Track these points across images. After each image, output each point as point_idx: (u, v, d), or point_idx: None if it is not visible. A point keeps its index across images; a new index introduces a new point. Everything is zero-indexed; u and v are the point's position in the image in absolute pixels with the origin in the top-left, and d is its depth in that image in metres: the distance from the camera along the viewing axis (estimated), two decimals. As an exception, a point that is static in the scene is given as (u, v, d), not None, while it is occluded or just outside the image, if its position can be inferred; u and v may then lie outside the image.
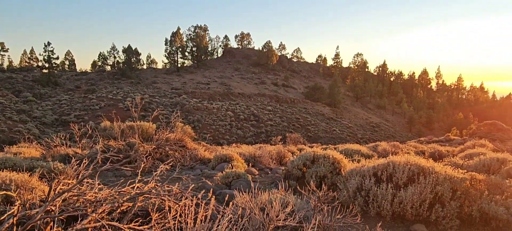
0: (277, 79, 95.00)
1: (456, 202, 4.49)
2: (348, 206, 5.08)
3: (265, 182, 6.76)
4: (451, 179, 4.67)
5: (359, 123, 72.27)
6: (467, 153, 9.56)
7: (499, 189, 4.81)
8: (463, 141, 24.62)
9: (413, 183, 4.77)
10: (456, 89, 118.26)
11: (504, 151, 10.77)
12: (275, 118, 58.42)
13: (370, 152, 10.80)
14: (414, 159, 5.15)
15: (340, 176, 5.92)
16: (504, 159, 7.83)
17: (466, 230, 4.45)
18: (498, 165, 7.58)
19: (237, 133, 49.43)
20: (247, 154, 8.85)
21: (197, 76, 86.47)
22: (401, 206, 4.60)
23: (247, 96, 68.62)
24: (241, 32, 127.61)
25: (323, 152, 6.64)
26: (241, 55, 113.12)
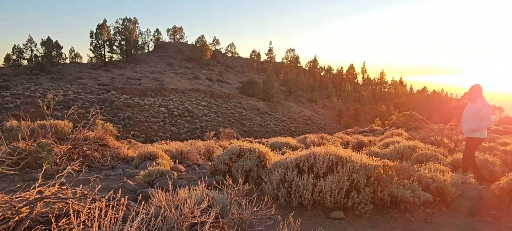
0: (211, 74, 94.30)
1: (370, 188, 4.75)
2: (274, 198, 5.14)
3: (191, 179, 6.58)
4: (366, 167, 4.92)
5: (293, 116, 74.66)
6: (385, 142, 10.27)
7: (407, 174, 5.19)
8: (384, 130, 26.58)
9: (332, 172, 4.95)
10: (379, 83, 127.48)
11: (416, 139, 11.77)
12: (210, 113, 58.00)
13: (298, 144, 11.13)
14: (334, 149, 5.35)
15: (265, 169, 5.96)
16: (415, 146, 8.54)
17: (379, 213, 4.74)
18: (410, 151, 8.24)
19: (171, 129, 48.19)
20: (174, 150, 8.59)
21: (127, 71, 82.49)
22: (321, 195, 4.75)
23: (181, 92, 67.14)
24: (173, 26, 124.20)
25: (249, 146, 6.65)
26: (174, 49, 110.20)
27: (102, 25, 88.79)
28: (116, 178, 6.48)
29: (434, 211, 4.77)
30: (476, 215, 4.78)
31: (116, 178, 6.51)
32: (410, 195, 4.63)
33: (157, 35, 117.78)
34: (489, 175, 6.51)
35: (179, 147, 9.30)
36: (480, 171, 6.43)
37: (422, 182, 5.06)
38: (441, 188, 4.93)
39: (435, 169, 5.52)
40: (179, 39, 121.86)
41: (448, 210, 4.86)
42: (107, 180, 6.41)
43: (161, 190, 3.73)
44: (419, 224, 4.44)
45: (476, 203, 5.01)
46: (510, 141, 13.08)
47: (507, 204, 4.92)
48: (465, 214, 4.79)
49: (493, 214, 4.85)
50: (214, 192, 4.07)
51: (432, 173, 5.23)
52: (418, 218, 4.58)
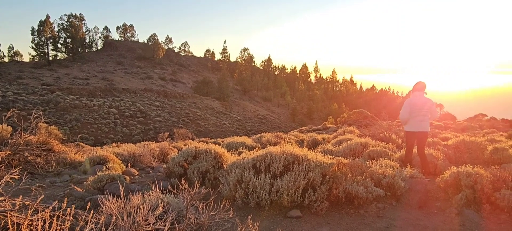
0: (164, 73, 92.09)
1: (325, 186, 4.83)
2: (231, 199, 5.07)
3: (145, 183, 6.34)
4: (321, 165, 5.01)
5: (248, 116, 74.94)
6: (338, 140, 10.57)
7: (360, 170, 5.35)
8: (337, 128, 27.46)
9: (289, 171, 4.98)
10: (331, 82, 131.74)
11: (367, 136, 12.23)
12: (163, 114, 56.59)
13: (254, 144, 11.15)
14: (290, 148, 5.39)
15: (222, 170, 5.88)
16: (366, 143, 8.87)
17: (334, 210, 4.84)
18: (361, 148, 8.53)
19: (123, 131, 46.39)
20: (126, 153, 8.23)
21: (73, 70, 78.23)
22: (278, 195, 4.76)
23: (132, 92, 64.85)
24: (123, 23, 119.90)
25: (206, 147, 6.53)
26: (124, 48, 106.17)
27: (44, 21, 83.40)
28: (62, 185, 6.07)
29: (385, 206, 4.95)
30: (423, 207, 5.03)
31: (62, 185, 6.10)
32: (363, 191, 4.78)
33: (106, 33, 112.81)
34: (433, 168, 6.91)
35: (132, 149, 8.94)
36: (427, 165, 6.81)
37: (374, 178, 5.25)
38: (391, 183, 5.14)
39: (386, 164, 5.76)
40: (130, 38, 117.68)
41: (398, 203, 5.08)
42: (52, 187, 5.99)
43: (112, 197, 3.53)
44: (372, 219, 4.59)
45: (423, 196, 5.27)
46: (451, 136, 14.02)
47: (451, 196, 5.23)
48: (413, 206, 5.03)
49: (438, 205, 5.14)
50: (170, 196, 3.93)
51: (383, 169, 5.44)
52: (371, 213, 4.74)
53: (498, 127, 26.82)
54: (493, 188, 4.92)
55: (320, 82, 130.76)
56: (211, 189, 5.59)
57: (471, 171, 5.23)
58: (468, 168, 5.37)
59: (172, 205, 3.61)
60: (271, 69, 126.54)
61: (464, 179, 5.11)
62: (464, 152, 8.96)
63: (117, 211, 2.96)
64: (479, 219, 4.59)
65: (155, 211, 2.92)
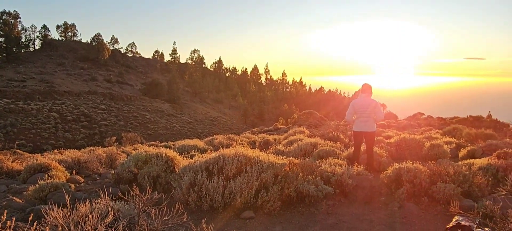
0: (110, 75, 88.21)
1: (277, 186, 4.94)
2: (184, 203, 5.00)
3: (92, 191, 6.05)
4: (273, 166, 5.11)
5: (199, 118, 74.11)
6: (289, 140, 10.82)
7: (310, 169, 5.54)
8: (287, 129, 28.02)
9: (241, 173, 5.03)
10: (282, 84, 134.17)
11: (316, 135, 12.64)
12: (110, 117, 54.22)
13: (206, 146, 11.07)
14: (242, 150, 5.43)
15: (174, 174, 5.78)
16: (316, 143, 9.16)
17: (286, 209, 4.95)
18: (311, 148, 8.81)
19: (65, 136, 43.79)
20: (70, 160, 7.79)
21: (7, 72, 72.38)
22: (231, 196, 4.78)
23: (75, 95, 61.38)
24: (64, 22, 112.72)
25: (156, 151, 6.38)
26: (65, 48, 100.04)
27: (-27, 18, 76.39)
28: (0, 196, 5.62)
29: (335, 203, 5.17)
30: (369, 203, 5.31)
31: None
32: (314, 189, 4.95)
33: (45, 32, 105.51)
34: (378, 165, 7.32)
35: (76, 155, 8.48)
36: (373, 162, 7.20)
37: (324, 176, 5.45)
38: (340, 180, 5.37)
39: (334, 163, 6.00)
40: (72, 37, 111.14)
41: (347, 200, 5.32)
42: (-14, 199, 5.51)
43: (56, 206, 3.34)
44: (322, 216, 4.77)
45: (369, 192, 5.57)
46: (393, 134, 14.91)
47: (393, 191, 5.57)
48: (360, 202, 5.30)
49: (383, 200, 5.45)
50: (120, 203, 3.79)
51: (332, 168, 5.67)
52: (321, 210, 4.92)
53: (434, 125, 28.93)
54: (430, 182, 5.32)
55: (270, 84, 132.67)
56: (164, 193, 5.47)
57: (411, 166, 5.61)
58: (408, 164, 5.76)
59: (123, 212, 3.49)
60: (222, 71, 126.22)
61: (405, 174, 5.47)
62: (405, 149, 9.57)
63: (63, 221, 2.81)
64: (419, 211, 4.94)
65: (105, 219, 2.82)
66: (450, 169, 5.48)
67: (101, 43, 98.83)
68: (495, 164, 6.13)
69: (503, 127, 27.13)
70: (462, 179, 5.28)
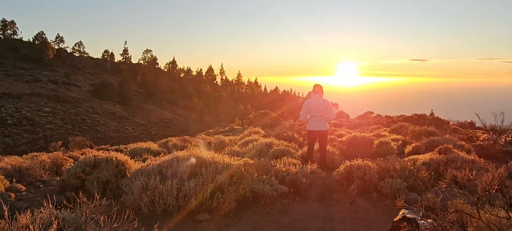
0: (55, 76, 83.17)
1: (233, 187, 4.91)
2: (136, 209, 4.81)
3: (35, 199, 5.66)
4: (228, 167, 5.08)
5: (153, 120, 72.16)
6: (244, 141, 10.83)
7: (265, 169, 5.57)
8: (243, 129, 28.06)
9: (196, 175, 4.94)
10: (237, 84, 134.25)
11: (272, 136, 12.77)
12: (55, 121, 51.17)
13: (160, 149, 10.78)
14: (196, 152, 5.35)
15: (125, 179, 5.56)
16: (271, 143, 9.25)
17: (242, 210, 4.94)
18: (266, 148, 8.87)
19: (5, 141, 40.69)
20: (10, 167, 7.23)
21: None
22: (186, 199, 4.69)
23: (16, 97, 57.17)
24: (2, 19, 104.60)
25: (106, 155, 6.10)
26: (4, 47, 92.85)
27: None
28: None
29: (289, 201, 5.24)
30: (323, 200, 5.45)
31: None
32: (269, 189, 4.98)
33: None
34: (331, 163, 7.53)
35: (17, 162, 7.89)
36: (326, 160, 7.39)
37: (279, 176, 5.51)
38: (294, 179, 5.45)
39: (289, 162, 6.09)
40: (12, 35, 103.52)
41: (301, 198, 5.41)
42: None
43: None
44: (277, 215, 4.81)
45: (322, 189, 5.71)
46: (344, 132, 15.43)
47: (345, 187, 5.76)
48: (314, 200, 5.42)
49: (335, 197, 5.61)
50: (65, 211, 3.57)
51: (286, 167, 5.74)
52: (276, 209, 4.96)
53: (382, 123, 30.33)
54: (379, 178, 5.56)
55: (226, 85, 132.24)
56: (114, 199, 5.24)
57: (361, 163, 5.84)
58: (358, 161, 5.98)
59: (69, 221, 3.29)
60: (177, 71, 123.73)
61: (356, 171, 5.68)
62: (356, 147, 9.93)
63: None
64: (369, 206, 5.15)
65: (49, 230, 2.63)
66: (397, 165, 5.77)
67: (44, 42, 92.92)
68: (437, 159, 6.55)
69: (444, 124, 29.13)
70: (407, 174, 5.58)
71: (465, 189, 4.70)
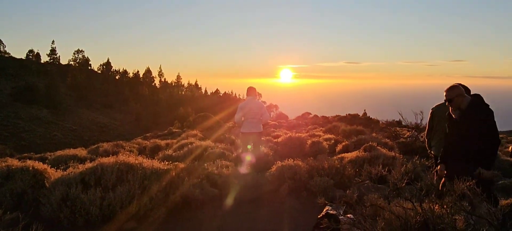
0: (-29, 78, 74.96)
1: (162, 192, 4.76)
2: (55, 221, 4.46)
3: None
4: (158, 172, 4.92)
5: (85, 124, 68.03)
6: (180, 144, 10.61)
7: (197, 173, 5.49)
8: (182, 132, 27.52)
9: (122, 182, 4.71)
10: (177, 87, 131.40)
11: (209, 138, 12.68)
12: (-29, 128, 46.08)
13: (89, 155, 10.16)
14: (123, 157, 5.11)
15: (44, 189, 5.13)
16: (207, 146, 9.16)
17: (172, 216, 4.79)
18: (202, 151, 8.77)
19: None
20: None
21: None
22: (110, 208, 4.44)
23: None
24: None
25: (22, 164, 5.59)
26: None
27: None
28: None
29: (221, 204, 5.21)
30: (255, 201, 5.49)
31: None
32: (200, 193, 4.91)
33: None
34: (265, 164, 7.64)
35: None
36: (260, 161, 7.48)
37: (211, 179, 5.46)
38: (226, 182, 5.44)
39: (222, 165, 6.06)
40: None
41: (233, 201, 5.40)
42: None
43: None
44: (208, 220, 4.76)
45: (254, 190, 5.76)
46: (281, 133, 15.81)
47: (277, 187, 5.88)
48: (246, 201, 5.44)
49: (268, 198, 5.70)
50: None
51: (219, 170, 5.71)
52: (208, 214, 4.90)
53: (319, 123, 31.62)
54: (308, 177, 5.75)
55: (165, 87, 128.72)
56: (31, 212, 4.82)
57: (292, 163, 6.00)
58: (290, 161, 6.14)
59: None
60: (111, 73, 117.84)
61: (287, 171, 5.82)
62: (290, 147, 10.21)
63: None
64: (299, 205, 5.30)
65: None
66: (325, 164, 6.01)
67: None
68: (362, 156, 6.95)
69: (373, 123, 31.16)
70: (334, 172, 5.84)
71: (386, 184, 5.04)
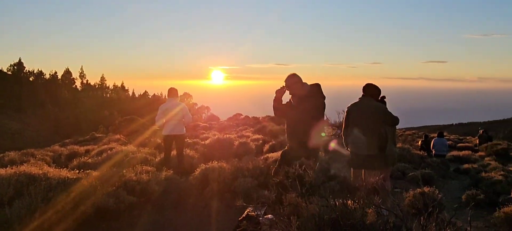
0: None
1: (70, 204, 4.32)
2: None
3: None
4: (65, 182, 4.47)
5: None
6: (100, 150, 9.91)
7: (113, 180, 5.10)
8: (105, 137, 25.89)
9: (22, 195, 4.19)
10: (101, 89, 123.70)
11: (132, 143, 12.02)
12: None
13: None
14: (25, 168, 4.56)
15: None
16: (128, 151, 8.66)
17: (83, 229, 4.39)
18: (123, 157, 8.26)
19: None
20: None
21: None
22: (7, 225, 3.91)
23: None
24: None
25: None
26: None
27: None
28: None
29: (140, 213, 4.89)
30: (177, 207, 5.27)
31: None
32: (114, 202, 4.55)
33: None
34: (190, 168, 7.41)
35: None
36: (184, 165, 7.24)
37: (128, 186, 5.11)
38: (145, 188, 5.13)
39: (141, 171, 5.71)
40: None
41: (154, 208, 5.12)
42: None
43: None
44: (126, 229, 4.44)
45: (177, 195, 5.53)
46: (210, 135, 15.60)
47: (201, 191, 5.71)
48: (168, 208, 5.19)
49: (191, 202, 5.51)
50: None
51: (137, 176, 5.37)
52: (124, 223, 4.57)
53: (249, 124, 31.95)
54: (232, 178, 5.67)
55: (88, 89, 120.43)
56: None
57: (216, 166, 5.88)
58: (214, 164, 6.01)
59: None
60: (24, 74, 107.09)
61: (211, 173, 5.69)
62: (217, 149, 10.07)
63: None
64: (223, 207, 5.20)
65: None
66: (250, 164, 5.99)
67: None
68: (286, 155, 7.04)
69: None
70: (258, 172, 5.84)
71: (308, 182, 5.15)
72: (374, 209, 3.09)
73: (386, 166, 5.39)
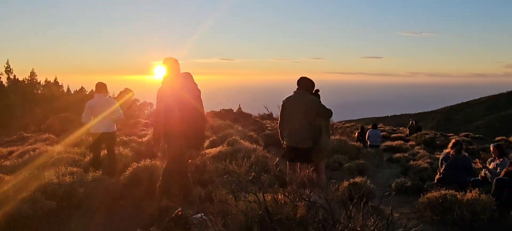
0: None
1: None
2: None
3: None
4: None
5: None
6: (22, 151, 9.08)
7: (31, 185, 4.62)
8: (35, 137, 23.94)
9: None
10: (31, 85, 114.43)
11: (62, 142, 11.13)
12: None
13: None
14: None
15: None
16: (54, 151, 7.99)
17: (-7, 240, 3.92)
18: (47, 158, 7.58)
19: None
20: None
21: None
22: None
23: None
24: None
25: None
26: None
27: None
28: None
29: (61, 218, 4.48)
30: (105, 209, 4.92)
31: None
32: (31, 208, 4.11)
33: None
34: (122, 167, 6.99)
35: None
36: (115, 164, 6.82)
37: (48, 190, 4.65)
38: (68, 191, 4.71)
39: (65, 172, 5.24)
40: None
41: (77, 212, 4.71)
42: None
43: None
44: (43, 238, 4.04)
45: (106, 197, 5.16)
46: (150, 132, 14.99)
47: (131, 190, 5.40)
48: (95, 211, 4.82)
49: (122, 204, 5.19)
50: None
51: (60, 178, 4.92)
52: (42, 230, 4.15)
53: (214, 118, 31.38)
54: (167, 176, 5.42)
55: (15, 85, 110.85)
56: None
57: (148, 164, 5.59)
58: (146, 162, 5.72)
59: None
60: None
61: (142, 172, 5.39)
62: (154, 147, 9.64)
63: None
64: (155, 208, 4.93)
65: None
66: (185, 161, 5.76)
67: None
68: (225, 150, 6.94)
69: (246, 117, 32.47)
70: (195, 169, 5.65)
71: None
72: (304, 203, 3.07)
73: (320, 158, 5.49)
